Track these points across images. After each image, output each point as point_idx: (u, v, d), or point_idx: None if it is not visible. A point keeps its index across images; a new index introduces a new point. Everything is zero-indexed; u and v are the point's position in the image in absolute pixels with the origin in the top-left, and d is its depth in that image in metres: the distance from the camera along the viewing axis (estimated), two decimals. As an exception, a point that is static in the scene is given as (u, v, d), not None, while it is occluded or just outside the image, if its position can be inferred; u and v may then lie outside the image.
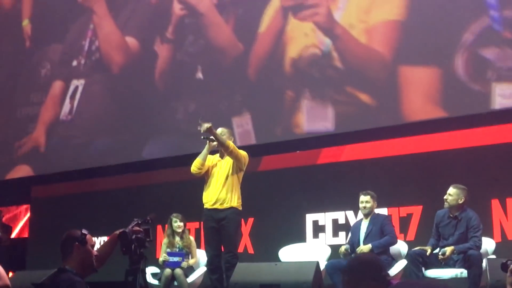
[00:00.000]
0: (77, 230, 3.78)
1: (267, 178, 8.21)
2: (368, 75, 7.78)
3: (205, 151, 6.29)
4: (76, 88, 10.56)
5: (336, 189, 7.71)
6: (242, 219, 8.16)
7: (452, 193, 6.17)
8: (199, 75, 9.26)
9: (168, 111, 9.31)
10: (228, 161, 6.28)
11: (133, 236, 3.89)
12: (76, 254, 3.64)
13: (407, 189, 7.31)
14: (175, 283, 7.23)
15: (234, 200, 6.19)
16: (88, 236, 3.74)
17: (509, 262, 3.19)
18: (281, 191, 8.10)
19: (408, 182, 7.33)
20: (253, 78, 8.70)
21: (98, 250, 3.89)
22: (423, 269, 6.10)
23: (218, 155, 6.41)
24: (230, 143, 6.18)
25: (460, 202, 6.15)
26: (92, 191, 9.77)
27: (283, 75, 8.40)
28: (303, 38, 8.29)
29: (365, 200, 6.62)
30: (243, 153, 6.30)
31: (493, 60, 7.04)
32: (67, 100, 10.58)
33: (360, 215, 6.79)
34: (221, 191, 6.19)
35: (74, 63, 10.63)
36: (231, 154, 6.17)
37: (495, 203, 6.82)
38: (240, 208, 6.26)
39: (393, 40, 7.65)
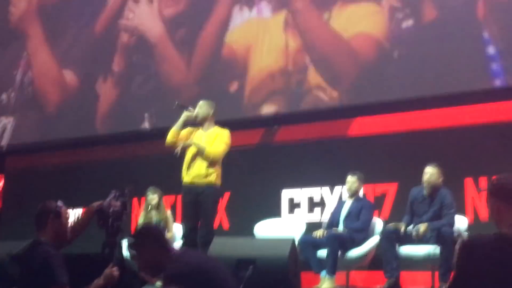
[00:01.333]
0: (52, 202, 3.78)
1: (244, 154, 8.21)
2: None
3: (180, 121, 6.05)
4: (5, 126, 9.72)
5: (312, 166, 7.74)
6: (220, 196, 8.25)
7: (434, 172, 6.23)
8: (146, 124, 8.52)
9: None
10: (211, 135, 6.10)
11: (110, 210, 3.88)
12: (50, 226, 3.65)
13: (382, 167, 7.37)
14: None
15: (214, 176, 6.02)
16: (63, 209, 3.74)
17: (459, 236, 3.25)
18: (257, 167, 8.11)
19: (383, 160, 7.38)
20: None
21: (74, 222, 3.88)
22: (397, 246, 6.18)
23: (200, 128, 6.16)
24: (208, 153, 5.94)
25: (440, 180, 6.24)
26: (68, 163, 9.67)
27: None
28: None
29: (351, 180, 6.69)
30: (221, 149, 6.04)
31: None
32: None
33: (344, 194, 6.87)
34: (201, 166, 5.99)
35: (3, 97, 9.69)
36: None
37: (468, 182, 6.91)
38: (220, 184, 6.10)
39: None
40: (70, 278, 3.62)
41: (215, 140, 6.05)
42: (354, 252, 6.46)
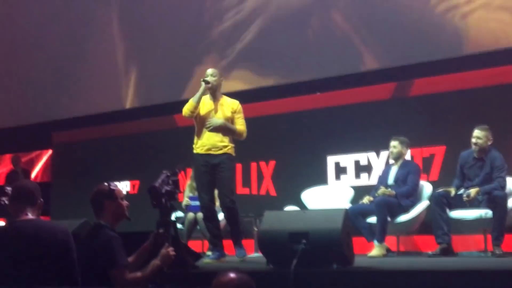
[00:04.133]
0: (104, 185, 3.79)
1: (288, 120, 8.18)
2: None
3: (199, 93, 5.80)
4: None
5: (357, 131, 7.67)
6: (264, 162, 8.26)
7: (481, 136, 6.10)
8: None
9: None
10: (223, 105, 5.88)
11: (163, 190, 3.90)
12: (108, 210, 3.68)
13: (430, 129, 7.26)
14: (198, 227, 7.29)
15: (228, 146, 5.80)
16: (116, 190, 3.76)
17: None
18: (302, 133, 8.07)
19: (431, 122, 7.27)
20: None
21: (134, 259, 3.84)
22: (447, 210, 6.12)
23: (209, 96, 5.91)
24: (240, 132, 5.84)
25: (489, 143, 6.13)
26: (113, 136, 9.76)
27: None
28: None
29: (392, 145, 6.63)
30: (244, 125, 5.91)
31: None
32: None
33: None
34: (216, 136, 5.78)
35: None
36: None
37: (519, 142, 6.78)
38: (234, 154, 5.87)
39: None
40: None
41: (233, 115, 5.86)
42: (403, 218, 6.42)
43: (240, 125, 5.87)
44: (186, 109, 5.85)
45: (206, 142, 5.79)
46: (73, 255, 3.47)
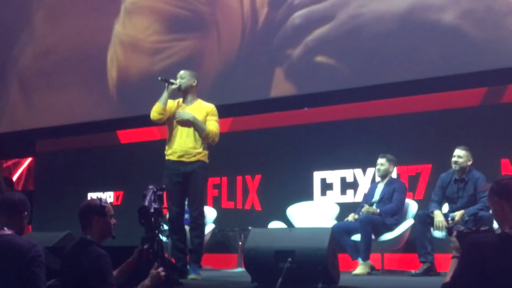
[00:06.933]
0: (96, 200, 3.74)
1: (275, 135, 8.17)
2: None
3: (165, 94, 5.58)
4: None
5: (344, 147, 7.66)
6: (249, 176, 8.23)
7: (463, 155, 6.14)
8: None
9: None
10: (196, 108, 5.66)
11: (152, 209, 3.87)
12: (95, 226, 3.62)
13: (416, 148, 7.28)
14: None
15: (202, 153, 5.59)
16: (107, 208, 3.71)
17: (454, 227, 3.28)
18: (289, 148, 8.06)
19: (417, 141, 7.29)
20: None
21: (117, 275, 3.78)
22: (431, 229, 6.14)
23: (181, 100, 5.72)
24: (210, 132, 5.58)
25: (469, 163, 6.16)
26: (98, 146, 9.68)
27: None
28: None
29: (380, 162, 6.66)
30: (218, 128, 5.66)
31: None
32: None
33: (377, 176, 6.85)
34: (188, 142, 5.56)
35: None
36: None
37: (505, 163, 6.81)
38: (208, 161, 5.65)
39: None
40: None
41: (207, 117, 5.63)
42: (387, 236, 6.44)
43: (212, 126, 5.61)
44: (154, 112, 5.62)
45: (178, 149, 5.57)
46: (42, 274, 3.40)
